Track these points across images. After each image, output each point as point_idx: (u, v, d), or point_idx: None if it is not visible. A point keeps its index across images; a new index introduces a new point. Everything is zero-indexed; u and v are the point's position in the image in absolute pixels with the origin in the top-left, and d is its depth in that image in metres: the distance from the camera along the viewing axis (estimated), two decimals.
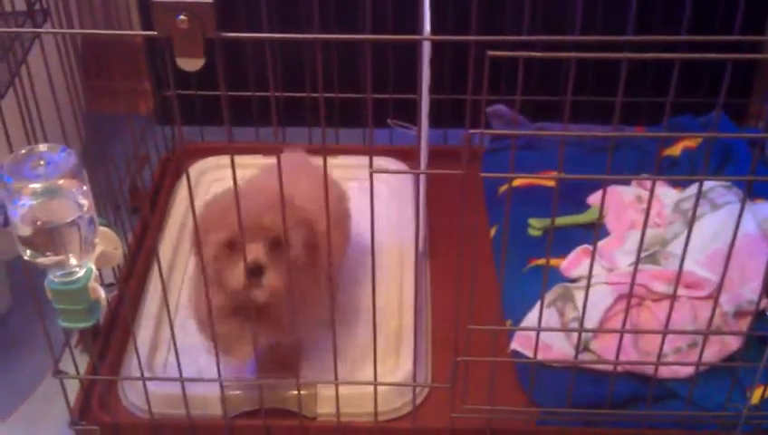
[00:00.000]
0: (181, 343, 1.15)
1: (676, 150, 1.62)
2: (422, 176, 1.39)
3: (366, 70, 0.88)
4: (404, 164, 1.63)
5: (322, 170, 0.99)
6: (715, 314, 1.12)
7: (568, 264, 1.41)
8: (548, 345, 1.26)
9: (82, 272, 0.97)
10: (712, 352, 1.23)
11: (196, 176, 1.63)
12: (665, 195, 1.50)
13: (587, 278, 1.06)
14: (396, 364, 1.30)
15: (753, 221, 1.35)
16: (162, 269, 1.09)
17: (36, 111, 1.10)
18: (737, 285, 1.28)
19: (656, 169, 0.99)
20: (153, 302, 1.39)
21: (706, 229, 1.37)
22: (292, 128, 1.65)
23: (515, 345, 1.29)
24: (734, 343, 1.24)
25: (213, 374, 1.16)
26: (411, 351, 1.26)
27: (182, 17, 0.79)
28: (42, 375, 1.38)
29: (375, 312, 1.08)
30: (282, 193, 0.97)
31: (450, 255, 1.45)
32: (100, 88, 1.46)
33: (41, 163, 0.91)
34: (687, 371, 1.22)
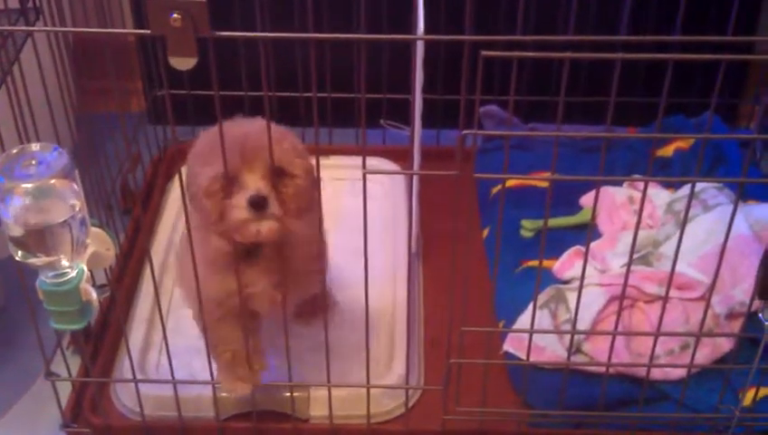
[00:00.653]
0: (173, 345, 1.15)
1: (668, 151, 1.62)
2: (415, 176, 1.39)
3: (359, 70, 0.88)
4: (397, 164, 1.63)
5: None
6: (707, 316, 1.12)
7: (560, 265, 1.41)
8: (540, 347, 1.26)
9: (74, 273, 0.97)
10: (704, 353, 1.23)
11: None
12: (657, 196, 1.51)
13: (579, 280, 1.06)
14: (388, 366, 1.29)
15: (744, 222, 1.35)
16: (154, 270, 1.09)
17: (28, 110, 1.09)
18: (729, 287, 1.28)
19: (648, 170, 1.00)
20: (145, 303, 1.39)
21: (698, 231, 1.37)
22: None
23: (508, 347, 1.29)
24: (726, 345, 1.24)
25: (205, 376, 1.15)
26: (404, 353, 1.26)
27: (175, 16, 0.79)
28: (33, 377, 1.38)
29: (368, 313, 1.08)
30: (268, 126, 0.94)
31: (443, 256, 1.45)
32: (91, 87, 1.45)
33: (32, 163, 0.91)
34: (679, 372, 1.22)
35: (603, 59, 0.89)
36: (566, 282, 1.38)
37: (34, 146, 0.93)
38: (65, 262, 0.95)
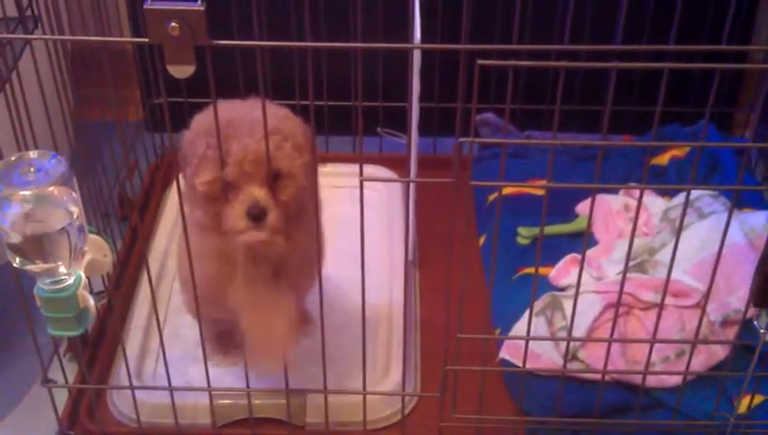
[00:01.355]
0: (170, 352, 1.15)
1: (663, 160, 1.62)
2: (412, 184, 1.39)
3: (356, 78, 0.89)
4: (394, 172, 1.64)
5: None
6: (703, 323, 1.12)
7: (556, 273, 1.41)
8: (537, 354, 1.26)
9: (72, 280, 0.97)
10: (699, 361, 1.23)
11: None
12: (653, 204, 1.51)
13: (575, 287, 1.07)
14: (385, 373, 1.30)
15: (740, 230, 1.35)
16: (151, 277, 1.09)
17: (27, 118, 1.10)
18: (724, 294, 1.29)
19: (644, 178, 1.00)
20: (142, 310, 1.39)
21: (694, 238, 1.38)
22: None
23: (504, 354, 1.29)
24: (722, 353, 1.24)
25: (202, 383, 1.15)
26: (400, 360, 1.26)
27: (173, 24, 0.80)
28: (30, 383, 1.38)
29: (364, 320, 1.08)
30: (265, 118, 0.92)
31: (439, 263, 1.45)
32: (89, 95, 1.46)
33: (31, 170, 0.91)
34: (675, 380, 1.22)
35: (599, 68, 0.89)
36: (562, 289, 1.38)
37: (32, 153, 0.93)
38: (63, 269, 0.95)
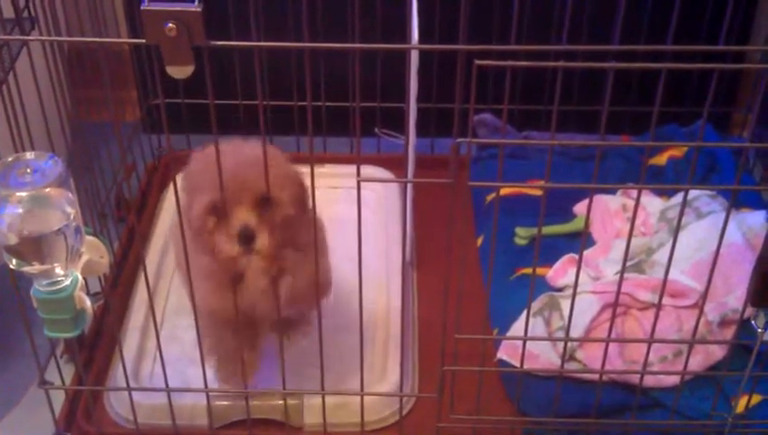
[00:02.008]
0: (167, 354, 1.14)
1: (661, 160, 1.63)
2: (409, 185, 1.39)
3: (354, 78, 0.88)
4: (391, 173, 1.64)
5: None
6: (700, 323, 1.12)
7: (554, 273, 1.41)
8: (534, 354, 1.26)
9: (69, 281, 0.97)
10: (697, 361, 1.23)
11: (182, 185, 1.62)
12: (650, 204, 1.51)
13: (573, 287, 1.07)
14: (383, 374, 1.29)
15: (737, 230, 1.35)
16: (148, 278, 1.09)
17: (23, 119, 1.10)
18: (722, 294, 1.29)
19: (642, 178, 1.00)
20: (139, 311, 1.39)
21: (692, 238, 1.38)
22: (279, 136, 1.65)
23: (502, 354, 1.29)
24: (719, 352, 1.24)
25: (199, 384, 1.15)
26: (398, 360, 1.26)
27: (170, 25, 0.79)
28: (27, 385, 1.37)
29: (362, 321, 1.08)
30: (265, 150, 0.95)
31: (437, 263, 1.45)
32: (86, 96, 1.46)
33: (27, 171, 0.91)
34: (673, 379, 1.22)
35: (597, 68, 0.89)
36: (560, 289, 1.38)
37: (29, 154, 0.93)
38: (60, 270, 0.95)
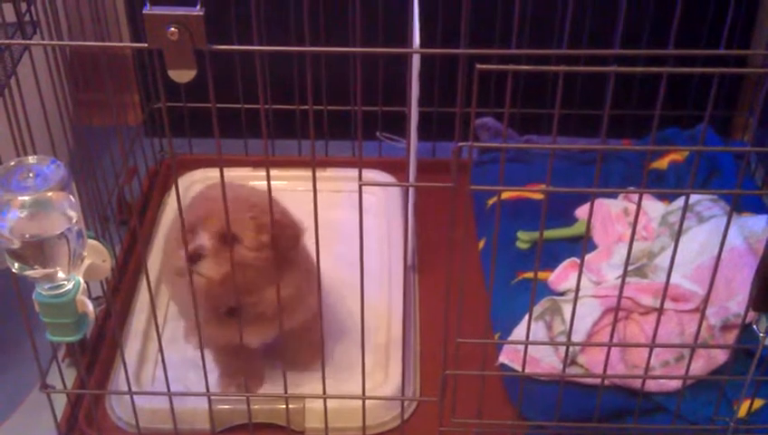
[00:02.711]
0: (169, 358, 1.14)
1: (663, 164, 1.63)
2: (411, 188, 1.39)
3: (356, 82, 0.89)
4: (393, 177, 1.64)
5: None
6: (702, 328, 1.12)
7: (556, 277, 1.41)
8: (536, 359, 1.26)
9: (71, 285, 0.97)
10: (699, 365, 1.23)
11: (184, 188, 1.62)
12: (652, 208, 1.51)
13: (574, 291, 1.07)
14: (384, 378, 1.29)
15: (739, 234, 1.35)
16: (150, 282, 1.09)
17: (25, 123, 1.10)
18: (724, 299, 1.29)
19: (643, 183, 1.00)
20: (141, 315, 1.39)
21: (693, 242, 1.38)
22: (281, 140, 1.66)
23: (504, 359, 1.29)
24: (721, 357, 1.24)
25: (201, 389, 1.15)
26: (399, 364, 1.26)
27: (173, 29, 0.79)
28: (29, 389, 1.37)
29: (363, 325, 1.08)
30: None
31: (439, 267, 1.45)
32: (88, 100, 1.46)
33: (30, 175, 0.91)
34: (675, 384, 1.22)
35: (598, 72, 0.89)
36: (561, 294, 1.38)
37: (32, 158, 0.93)
38: (62, 274, 0.95)
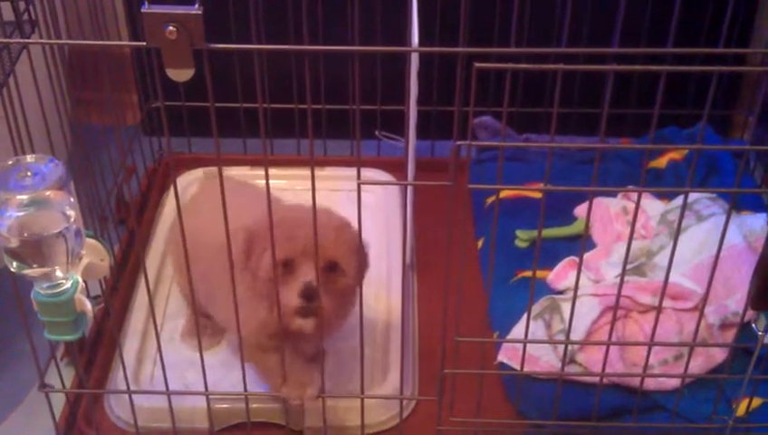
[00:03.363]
0: (168, 356, 1.14)
1: (661, 162, 1.63)
2: (410, 187, 1.39)
3: (354, 81, 0.88)
4: (391, 175, 1.64)
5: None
6: (701, 326, 1.12)
7: (554, 276, 1.41)
8: (535, 357, 1.26)
9: (69, 284, 0.96)
10: (698, 363, 1.23)
11: (182, 187, 1.62)
12: (651, 207, 1.51)
13: (573, 290, 1.07)
14: (383, 377, 1.29)
15: (738, 233, 1.35)
16: (149, 281, 1.09)
17: (24, 122, 1.10)
18: (723, 297, 1.29)
19: (642, 181, 1.00)
20: (139, 314, 1.39)
21: (692, 241, 1.38)
22: (279, 139, 1.66)
23: (502, 357, 1.29)
24: (720, 355, 1.24)
25: (199, 387, 1.15)
26: (398, 363, 1.26)
27: (171, 28, 0.79)
28: (27, 388, 1.37)
29: (362, 324, 1.08)
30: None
31: (437, 266, 1.45)
32: (87, 99, 1.46)
33: (28, 174, 0.91)
34: (673, 383, 1.22)
35: (597, 70, 0.89)
36: (560, 292, 1.38)
37: (30, 157, 0.93)
38: (60, 273, 0.95)
